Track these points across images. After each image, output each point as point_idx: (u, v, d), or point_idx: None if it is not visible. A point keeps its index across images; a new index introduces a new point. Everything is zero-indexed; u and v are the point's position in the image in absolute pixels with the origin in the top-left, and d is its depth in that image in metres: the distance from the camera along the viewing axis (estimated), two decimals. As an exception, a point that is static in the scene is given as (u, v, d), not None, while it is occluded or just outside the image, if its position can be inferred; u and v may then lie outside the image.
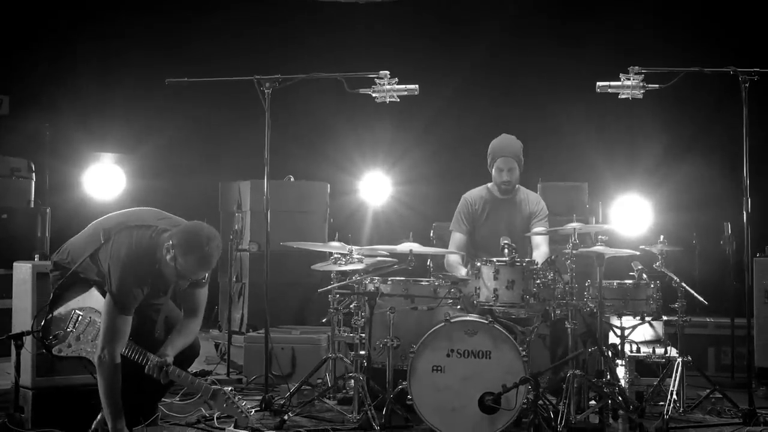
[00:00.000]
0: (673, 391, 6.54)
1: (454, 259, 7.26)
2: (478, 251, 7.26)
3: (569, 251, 6.35)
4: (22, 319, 6.22)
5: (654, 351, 7.06)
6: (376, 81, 6.87)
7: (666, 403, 6.50)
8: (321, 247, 7.17)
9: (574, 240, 6.36)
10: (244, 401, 5.44)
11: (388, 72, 6.86)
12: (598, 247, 6.48)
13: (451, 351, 6.05)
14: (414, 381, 6.05)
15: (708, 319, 8.37)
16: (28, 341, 6.01)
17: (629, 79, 6.65)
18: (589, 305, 6.56)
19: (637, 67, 6.63)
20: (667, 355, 7.00)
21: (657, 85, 6.68)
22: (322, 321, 7.11)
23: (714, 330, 8.44)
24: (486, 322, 6.09)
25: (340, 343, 7.28)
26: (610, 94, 6.85)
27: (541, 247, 7.25)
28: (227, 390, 5.43)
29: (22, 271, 6.32)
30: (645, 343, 7.39)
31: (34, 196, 9.08)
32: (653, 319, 6.85)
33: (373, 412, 6.17)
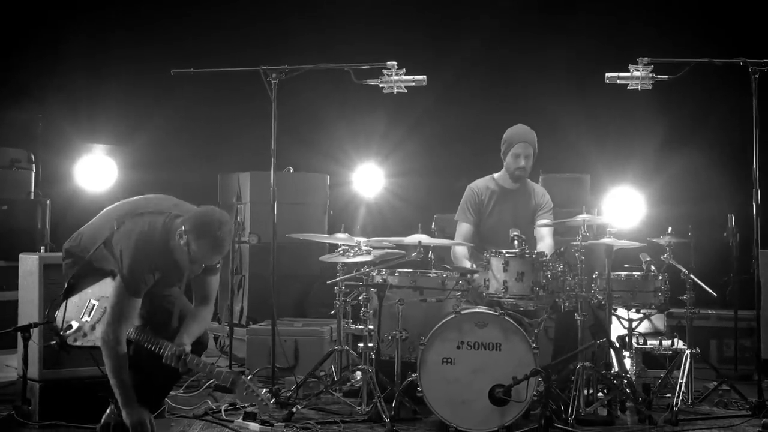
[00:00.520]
0: (681, 383, 6.53)
1: (460, 251, 7.21)
2: (483, 242, 7.23)
3: (579, 243, 6.33)
4: (29, 311, 6.17)
5: (661, 343, 7.05)
6: (384, 72, 6.83)
7: (674, 395, 6.52)
8: (327, 239, 7.14)
9: (584, 231, 6.34)
10: (263, 388, 5.38)
11: (395, 63, 6.83)
12: (607, 239, 6.47)
13: (462, 343, 6.02)
14: (424, 373, 6.03)
15: (710, 311, 8.35)
16: (36, 333, 5.96)
17: (638, 70, 6.62)
18: (597, 297, 6.55)
19: (646, 58, 6.60)
20: (674, 347, 6.99)
21: (666, 76, 6.65)
22: (330, 313, 7.03)
23: (716, 322, 8.43)
24: (496, 314, 6.06)
25: (347, 335, 7.23)
26: (605, 85, 6.84)
27: (546, 239, 7.22)
28: (247, 378, 5.34)
29: (28, 263, 6.27)
30: (644, 336, 7.39)
31: (34, 187, 9.00)
32: (657, 312, 6.84)
33: (383, 404, 6.13)
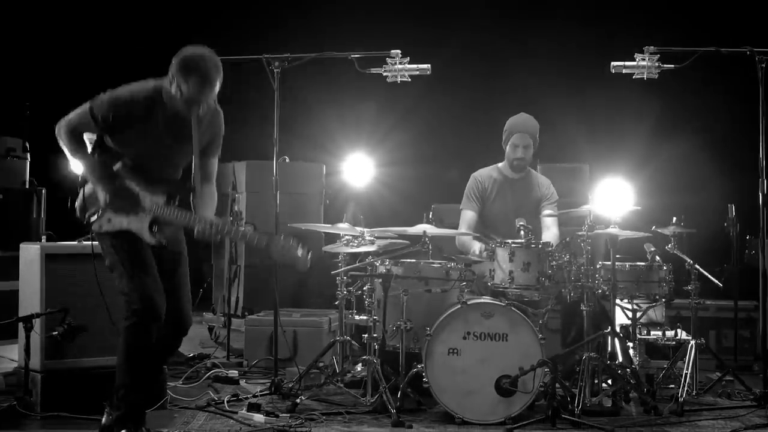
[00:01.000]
0: (687, 374, 6.50)
1: (467, 240, 7.19)
2: (487, 230, 7.22)
3: (585, 233, 6.29)
4: (30, 301, 6.10)
5: (664, 333, 7.03)
6: (387, 60, 6.77)
7: (679, 386, 6.49)
8: (330, 228, 7.06)
9: (590, 221, 6.31)
10: (299, 242, 5.15)
11: (399, 51, 6.77)
12: (612, 229, 6.44)
13: (468, 333, 5.99)
14: (430, 364, 5.99)
15: (708, 302, 8.33)
16: (38, 323, 5.90)
17: (644, 59, 6.59)
18: (601, 287, 6.52)
19: (652, 47, 6.57)
20: (678, 338, 6.97)
21: (672, 65, 6.62)
22: (333, 303, 6.97)
23: (715, 312, 8.42)
24: (503, 304, 6.03)
25: (347, 325, 7.18)
26: (602, 75, 6.82)
27: (551, 229, 7.21)
28: (281, 236, 5.14)
29: (30, 253, 6.18)
30: (647, 326, 7.38)
31: (29, 176, 8.91)
32: (664, 302, 6.82)
33: (388, 395, 6.08)
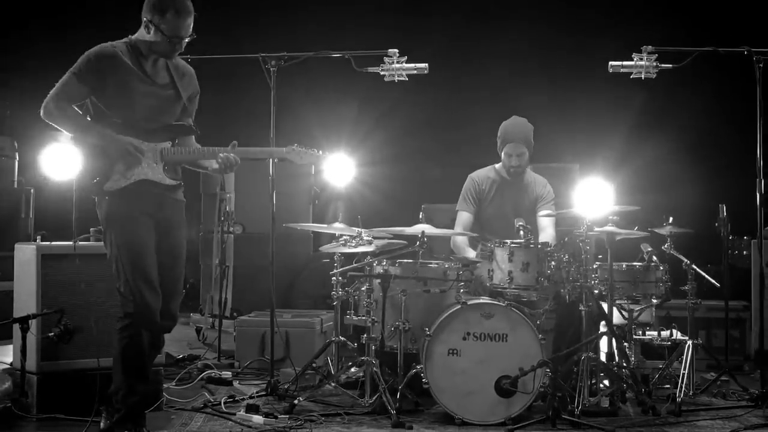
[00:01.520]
0: (684, 374, 6.51)
1: (460, 240, 7.18)
2: (483, 231, 7.21)
3: (583, 233, 6.29)
4: (26, 301, 6.02)
5: (659, 333, 7.03)
6: (385, 60, 6.74)
7: (675, 386, 6.56)
8: (326, 228, 7.03)
9: (588, 221, 6.30)
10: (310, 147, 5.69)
11: (396, 50, 6.74)
12: (609, 228, 6.43)
13: (468, 334, 5.98)
14: (430, 364, 5.97)
15: (699, 302, 8.32)
16: (34, 324, 5.83)
17: (642, 59, 6.59)
18: (598, 287, 6.52)
19: (650, 46, 6.58)
20: (673, 338, 6.97)
21: (670, 65, 6.63)
22: (332, 304, 6.92)
23: (705, 312, 8.40)
24: (503, 304, 6.02)
25: (348, 326, 7.12)
26: (593, 74, 6.83)
27: (547, 230, 7.20)
28: (293, 145, 5.67)
29: (25, 253, 6.12)
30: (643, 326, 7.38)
31: (17, 176, 8.82)
32: (660, 302, 6.82)
33: (388, 396, 6.05)
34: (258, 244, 9.14)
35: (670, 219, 6.82)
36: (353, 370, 6.82)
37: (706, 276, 6.75)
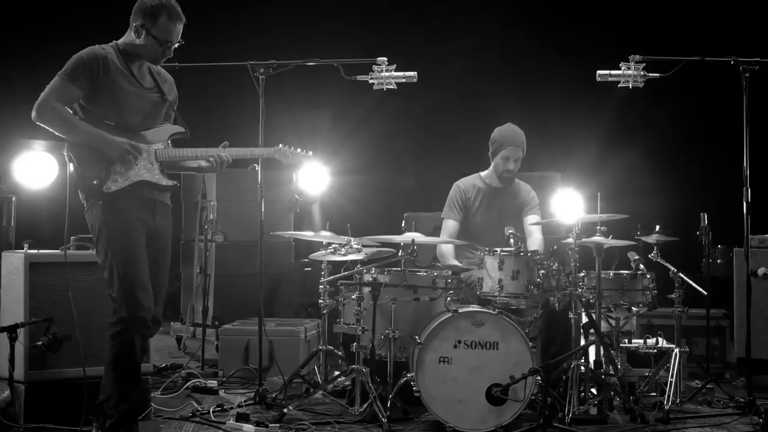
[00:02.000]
0: (672, 382, 6.53)
1: (446, 249, 7.19)
2: (470, 239, 7.23)
3: (573, 241, 6.31)
4: (14, 310, 5.96)
5: (645, 341, 7.05)
6: (374, 68, 6.74)
7: (661, 394, 6.55)
8: (313, 237, 7.00)
9: (578, 229, 6.32)
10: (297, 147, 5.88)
11: (385, 59, 6.75)
12: (597, 237, 6.46)
13: (459, 342, 5.96)
14: (421, 372, 5.95)
15: (686, 310, 8.36)
16: (22, 333, 5.77)
17: (629, 68, 6.63)
18: (585, 295, 6.54)
19: (637, 56, 6.61)
20: (659, 346, 7.00)
21: (658, 74, 6.67)
22: (322, 312, 6.88)
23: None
24: (494, 313, 6.02)
25: (325, 334, 7.07)
26: (569, 83, 6.86)
27: (535, 234, 7.24)
28: (279, 145, 5.91)
29: (12, 261, 6.05)
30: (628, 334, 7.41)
31: (-1, 183, 8.72)
32: (646, 310, 6.84)
33: (379, 404, 6.04)
34: (239, 253, 9.12)
35: (657, 227, 6.84)
36: (340, 379, 6.81)
37: (693, 284, 6.79)
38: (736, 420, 6.32)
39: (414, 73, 6.80)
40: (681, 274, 6.75)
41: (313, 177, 9.71)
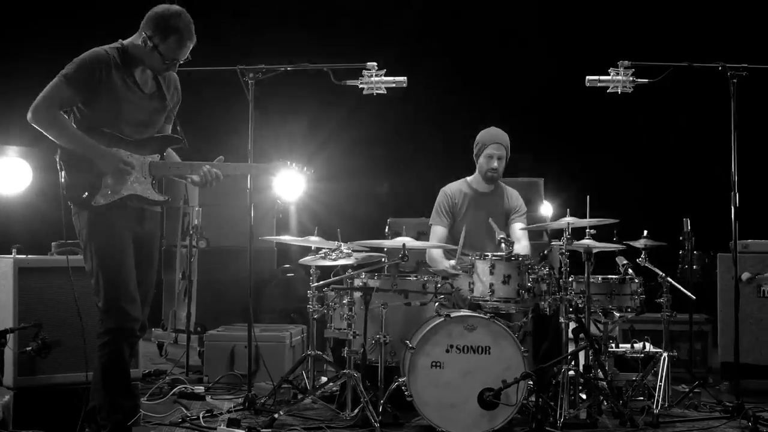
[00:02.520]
0: (660, 386, 6.55)
1: (436, 253, 7.19)
2: (457, 245, 7.20)
3: (563, 245, 6.32)
4: (1, 316, 5.91)
5: (632, 346, 7.08)
6: (364, 73, 6.73)
7: (649, 398, 6.63)
8: (302, 241, 6.98)
9: (568, 234, 6.34)
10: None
11: (375, 63, 6.74)
12: (587, 241, 6.48)
13: (451, 347, 5.97)
14: (413, 377, 5.95)
15: (674, 314, 8.38)
16: (11, 339, 5.71)
17: (618, 74, 6.66)
18: (574, 300, 6.55)
19: (627, 61, 6.64)
20: (647, 350, 7.02)
21: (647, 79, 6.70)
22: (312, 318, 6.85)
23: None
24: (485, 317, 6.03)
25: (313, 339, 7.04)
26: (550, 88, 6.89)
27: (522, 241, 7.25)
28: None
29: (1, 266, 6.00)
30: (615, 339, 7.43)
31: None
32: (634, 314, 6.87)
33: (371, 409, 6.02)
34: (222, 259, 9.08)
35: (645, 232, 6.87)
36: (329, 384, 6.79)
37: (682, 289, 6.83)
38: (725, 424, 6.36)
39: (404, 78, 6.80)
40: (669, 279, 6.78)
41: (289, 183, 9.70)
